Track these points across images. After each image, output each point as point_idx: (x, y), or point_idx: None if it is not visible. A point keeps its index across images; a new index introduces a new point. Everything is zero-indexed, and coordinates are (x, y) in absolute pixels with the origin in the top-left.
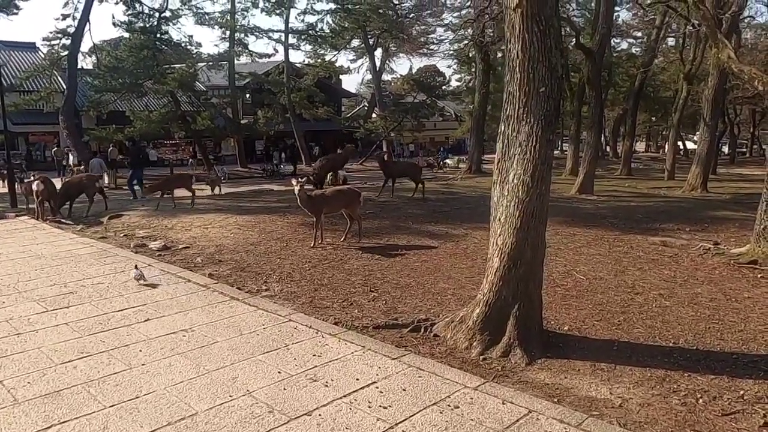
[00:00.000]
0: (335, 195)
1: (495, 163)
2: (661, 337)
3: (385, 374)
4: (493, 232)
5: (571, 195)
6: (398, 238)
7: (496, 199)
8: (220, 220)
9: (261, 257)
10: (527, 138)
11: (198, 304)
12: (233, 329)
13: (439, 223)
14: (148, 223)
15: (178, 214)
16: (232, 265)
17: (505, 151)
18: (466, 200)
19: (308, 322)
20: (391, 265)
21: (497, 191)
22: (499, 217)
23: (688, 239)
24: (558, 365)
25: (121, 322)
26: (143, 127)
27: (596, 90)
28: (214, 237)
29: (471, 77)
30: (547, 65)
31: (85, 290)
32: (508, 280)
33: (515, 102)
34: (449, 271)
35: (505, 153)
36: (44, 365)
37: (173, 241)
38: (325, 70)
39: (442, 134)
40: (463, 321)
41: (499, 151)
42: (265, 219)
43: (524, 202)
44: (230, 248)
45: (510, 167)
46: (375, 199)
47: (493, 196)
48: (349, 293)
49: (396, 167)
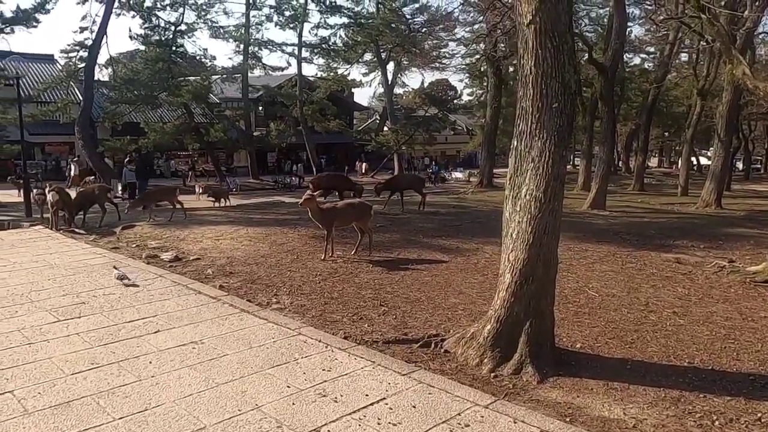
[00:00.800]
0: (346, 208)
1: (507, 178)
2: (675, 356)
3: (394, 390)
4: (504, 247)
5: (583, 210)
6: (409, 252)
7: (508, 215)
8: (231, 232)
9: (271, 269)
10: (540, 154)
11: (208, 316)
12: (243, 342)
13: (450, 237)
14: (160, 234)
15: (189, 225)
16: (242, 277)
17: (518, 167)
18: (477, 214)
19: (318, 336)
20: (402, 280)
21: (509, 207)
22: (511, 232)
23: (702, 256)
24: (570, 384)
25: (131, 333)
26: (157, 138)
27: (609, 105)
28: (225, 249)
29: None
30: (561, 81)
31: (97, 301)
32: (520, 296)
33: (528, 117)
34: (460, 286)
35: (518, 168)
36: (55, 375)
37: (185, 252)
38: (338, 83)
39: (454, 148)
40: (474, 337)
41: (511, 167)
42: (276, 231)
43: (537, 218)
44: (241, 260)
45: (522, 183)
46: (386, 213)
47: (505, 211)
48: (359, 307)
49: (402, 180)
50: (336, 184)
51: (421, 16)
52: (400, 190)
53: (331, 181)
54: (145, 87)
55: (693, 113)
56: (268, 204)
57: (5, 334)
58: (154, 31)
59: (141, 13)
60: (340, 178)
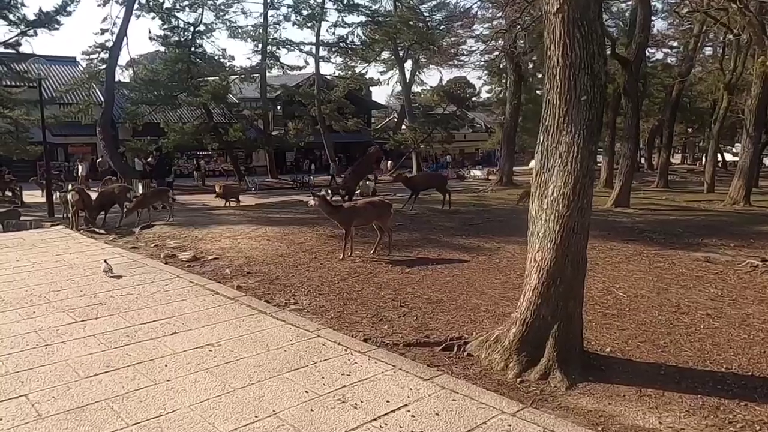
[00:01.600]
0: (366, 207)
1: (533, 175)
2: (711, 361)
3: (417, 396)
4: (530, 247)
5: (606, 208)
6: (429, 252)
7: (534, 213)
8: (249, 232)
9: (290, 269)
10: (568, 149)
11: (225, 317)
12: (260, 344)
13: (471, 236)
14: (178, 234)
15: (208, 225)
16: (260, 278)
17: (544, 163)
18: (498, 213)
19: (337, 339)
20: (422, 280)
21: (535, 205)
22: (538, 231)
23: (733, 255)
24: (601, 390)
25: (147, 335)
26: (177, 138)
27: (632, 101)
28: (244, 248)
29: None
30: (590, 72)
31: (114, 301)
32: (547, 298)
33: (555, 111)
34: (482, 286)
35: (544, 165)
36: (69, 379)
37: (203, 252)
38: (356, 82)
39: (472, 146)
40: (498, 340)
41: (537, 162)
42: (295, 231)
43: (564, 216)
44: (259, 260)
45: (549, 180)
46: (405, 212)
47: (531, 209)
48: (378, 308)
49: (420, 180)
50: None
51: (439, 13)
52: (420, 189)
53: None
54: (165, 88)
55: (719, 108)
56: (287, 203)
57: (22, 336)
58: (173, 32)
59: (160, 14)
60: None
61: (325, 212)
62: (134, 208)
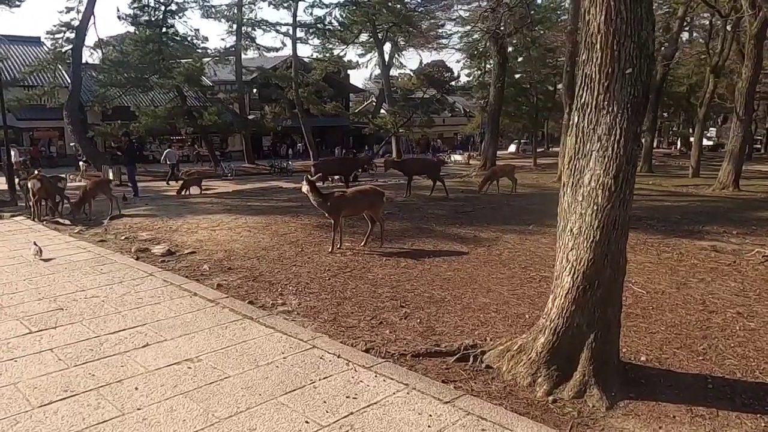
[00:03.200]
0: (356, 196)
1: (565, 161)
2: (762, 371)
3: (439, 425)
4: (562, 244)
5: None
6: (423, 243)
7: (567, 206)
8: (228, 222)
9: (275, 264)
10: (609, 131)
11: (205, 324)
12: (247, 359)
13: (465, 225)
14: (151, 224)
15: (184, 214)
16: (243, 274)
17: (580, 148)
18: (487, 199)
19: (335, 350)
20: (420, 275)
21: (568, 196)
22: (571, 227)
23: (738, 243)
24: (646, 410)
25: (115, 347)
26: (148, 122)
27: None
28: (223, 240)
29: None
30: (636, 41)
31: (77, 306)
32: (583, 303)
33: (594, 87)
34: (487, 282)
35: (579, 149)
36: (19, 409)
37: (178, 245)
38: (334, 64)
39: (452, 130)
40: (522, 350)
41: (570, 147)
42: (277, 220)
43: (605, 209)
44: (240, 253)
45: (586, 167)
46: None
47: (563, 201)
48: (376, 309)
49: (414, 164)
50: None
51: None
52: (412, 174)
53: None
54: (135, 69)
55: (705, 91)
56: (266, 190)
57: None
58: (143, 11)
59: None
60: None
61: (313, 200)
62: (78, 203)
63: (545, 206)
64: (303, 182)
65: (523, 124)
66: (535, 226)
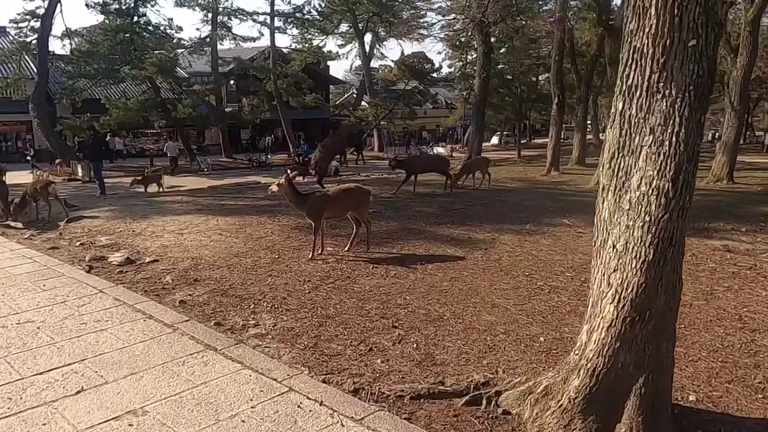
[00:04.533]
0: (340, 196)
1: (606, 158)
2: None
3: None
4: (601, 263)
5: (591, 188)
6: (414, 246)
7: (608, 215)
8: (198, 223)
9: (248, 274)
10: (665, 120)
11: (158, 358)
12: (206, 410)
13: (457, 225)
14: (112, 227)
15: (149, 215)
16: (211, 287)
17: (626, 142)
18: (478, 194)
19: (317, 394)
20: (414, 286)
21: (610, 203)
22: (614, 242)
23: (750, 243)
24: None
25: (40, 396)
26: (120, 115)
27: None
28: (191, 246)
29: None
30: (703, 4)
31: (4, 335)
32: (630, 339)
33: (645, 64)
34: (490, 294)
35: (625, 144)
36: None
37: (140, 252)
38: (313, 55)
39: (433, 122)
40: (549, 394)
41: (611, 141)
42: (252, 221)
43: (659, 221)
44: (209, 261)
45: (633, 166)
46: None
47: (602, 209)
48: (365, 330)
49: (420, 161)
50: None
51: None
52: (417, 172)
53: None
54: (105, 60)
55: None
56: (243, 186)
57: None
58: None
59: None
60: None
61: (291, 200)
62: (19, 207)
63: (539, 202)
64: (280, 180)
65: (506, 116)
66: (532, 225)
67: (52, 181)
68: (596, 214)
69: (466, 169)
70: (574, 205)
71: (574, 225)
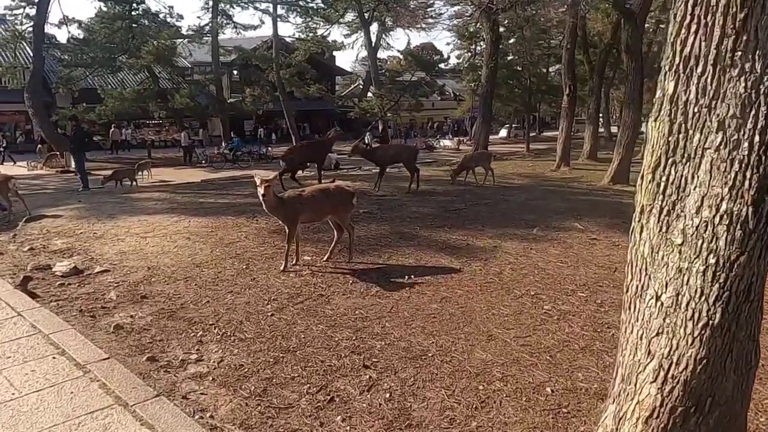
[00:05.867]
0: (316, 197)
1: (648, 166)
2: None
3: None
4: (636, 320)
5: (603, 185)
6: (404, 255)
7: (649, 251)
8: (167, 225)
9: (206, 290)
10: (742, 109)
11: (48, 418)
12: None
13: (456, 228)
14: (74, 228)
15: (118, 215)
16: (158, 306)
17: (677, 142)
18: (481, 192)
19: None
20: (396, 308)
21: (651, 232)
22: (658, 292)
23: None
24: None
25: None
26: (116, 105)
27: (636, 60)
28: (151, 252)
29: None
30: None
31: None
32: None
33: (713, 22)
34: (486, 321)
35: (677, 145)
36: None
37: (93, 259)
38: (317, 45)
39: (441, 114)
40: None
41: (657, 141)
42: (228, 223)
43: (732, 264)
44: (166, 273)
45: (691, 179)
46: (372, 193)
47: (639, 241)
48: (329, 371)
49: (386, 152)
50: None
51: None
52: (385, 163)
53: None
54: (102, 49)
55: None
56: (231, 181)
57: None
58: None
59: None
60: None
61: (264, 204)
62: None
63: (548, 202)
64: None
65: (515, 108)
66: (540, 230)
67: (11, 177)
68: (631, 247)
69: (464, 165)
70: (586, 205)
71: (586, 229)
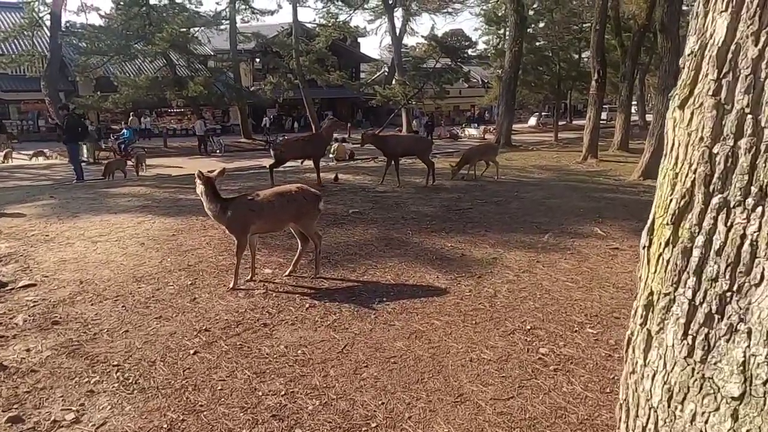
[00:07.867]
0: (275, 202)
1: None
2: None
3: None
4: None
5: (633, 181)
6: (384, 268)
7: (659, 394)
8: (128, 227)
9: (132, 313)
10: None
11: None
12: None
13: (454, 233)
14: (27, 229)
15: (82, 213)
16: (65, 336)
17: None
18: (493, 188)
19: None
20: (351, 346)
21: (666, 354)
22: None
23: None
24: None
25: None
26: (130, 93)
27: (673, 41)
28: (93, 261)
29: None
30: None
31: None
32: None
33: None
34: (459, 371)
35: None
36: None
37: (28, 268)
38: (339, 31)
39: (468, 102)
40: None
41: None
42: (195, 225)
43: None
44: (98, 288)
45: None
46: (373, 188)
47: (640, 373)
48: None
49: (399, 142)
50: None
51: None
52: (396, 154)
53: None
54: (119, 36)
55: None
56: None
57: None
58: None
59: None
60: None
61: (207, 209)
62: None
63: (567, 200)
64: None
65: (544, 96)
66: (552, 236)
67: None
68: (622, 381)
69: (467, 159)
70: (610, 205)
71: (607, 236)
